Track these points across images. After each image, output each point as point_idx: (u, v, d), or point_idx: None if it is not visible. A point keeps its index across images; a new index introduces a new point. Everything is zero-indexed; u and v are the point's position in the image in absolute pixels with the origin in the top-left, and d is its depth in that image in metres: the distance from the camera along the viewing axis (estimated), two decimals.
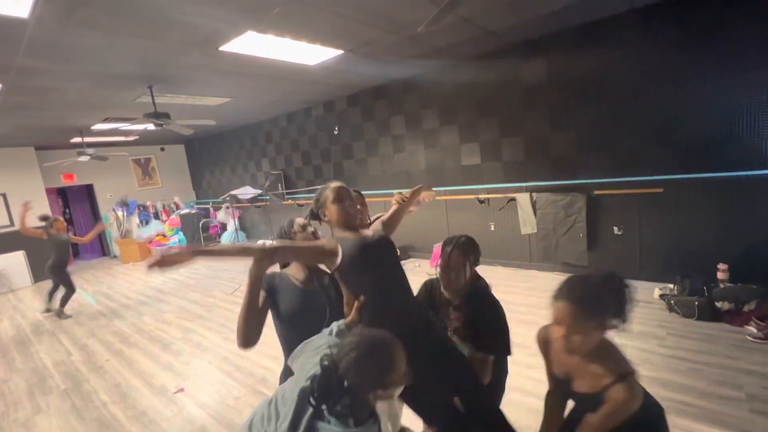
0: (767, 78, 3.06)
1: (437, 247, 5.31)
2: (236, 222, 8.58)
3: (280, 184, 7.48)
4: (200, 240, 8.80)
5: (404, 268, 1.60)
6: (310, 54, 3.68)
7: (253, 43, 3.23)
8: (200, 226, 8.90)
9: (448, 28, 3.40)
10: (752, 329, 2.79)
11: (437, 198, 5.30)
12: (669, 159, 3.58)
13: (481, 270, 1.69)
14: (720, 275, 3.30)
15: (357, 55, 3.90)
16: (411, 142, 5.44)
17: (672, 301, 3.24)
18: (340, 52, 3.70)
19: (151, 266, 1.22)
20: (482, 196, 4.84)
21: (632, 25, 3.52)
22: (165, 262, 1.22)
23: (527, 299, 3.82)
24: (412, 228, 5.68)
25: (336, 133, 6.29)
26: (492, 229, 4.92)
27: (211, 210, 9.40)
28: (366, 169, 6.08)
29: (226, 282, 5.76)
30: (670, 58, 3.41)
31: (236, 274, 6.12)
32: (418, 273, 5.06)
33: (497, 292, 1.70)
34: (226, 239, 8.53)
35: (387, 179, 5.84)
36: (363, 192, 2.12)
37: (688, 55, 3.33)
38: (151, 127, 5.10)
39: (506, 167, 4.63)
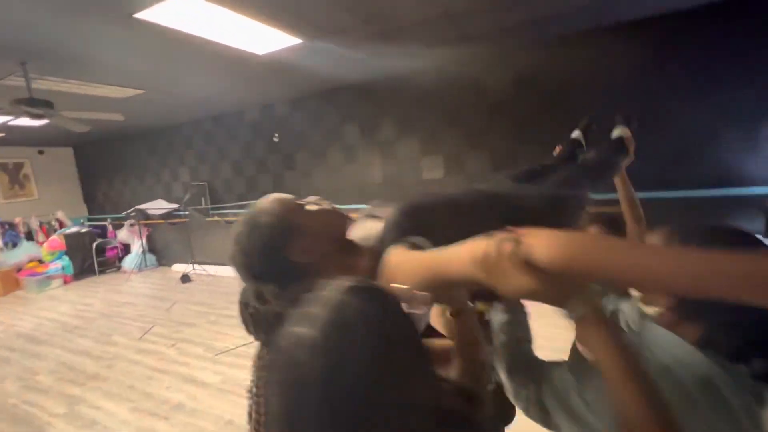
0: (726, 99, 3.22)
1: None
2: (144, 242, 7.09)
3: (203, 198, 6.35)
4: (93, 265, 7.08)
5: None
6: (260, 39, 2.98)
7: (183, 13, 2.44)
8: (94, 248, 7.18)
9: (431, 26, 3.01)
10: None
11: None
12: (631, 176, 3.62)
13: None
14: None
15: (317, 48, 3.30)
16: (365, 152, 4.93)
17: None
18: (297, 41, 3.06)
19: None
20: None
21: (599, 42, 3.53)
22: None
23: None
24: None
25: (275, 140, 5.50)
26: None
27: (110, 228, 7.68)
28: (311, 181, 5.39)
29: (131, 321, 4.52)
30: (633, 76, 3.47)
31: (145, 309, 4.89)
32: None
33: None
34: (130, 264, 6.99)
35: (336, 193, 5.22)
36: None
37: (650, 73, 3.41)
38: (26, 121, 3.79)
39: (472, 182, 4.37)
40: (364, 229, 1.00)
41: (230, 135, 5.99)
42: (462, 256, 0.62)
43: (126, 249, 7.42)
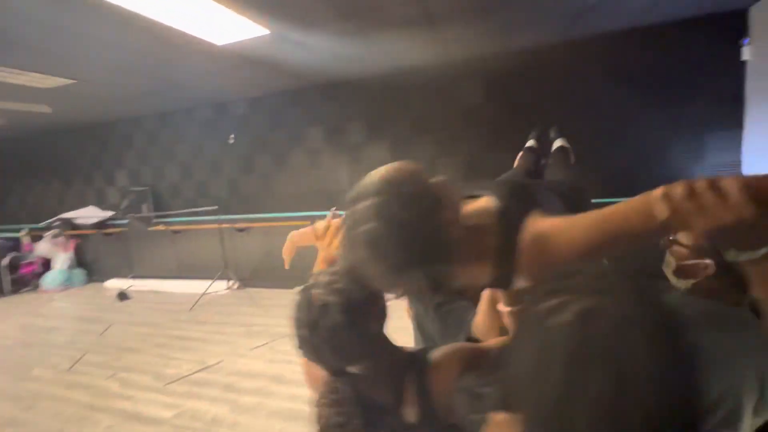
0: (677, 112, 3.46)
1: None
2: (71, 256, 6.20)
3: (145, 205, 5.69)
4: (2, 285, 6.03)
5: None
6: (221, 27, 2.67)
7: None
8: (6, 264, 6.14)
9: (409, 25, 2.89)
10: None
11: None
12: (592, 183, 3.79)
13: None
14: None
15: (285, 42, 3.04)
16: (331, 156, 4.70)
17: None
18: (265, 32, 2.78)
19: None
20: None
21: (564, 56, 3.65)
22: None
23: None
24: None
25: (231, 141, 5.08)
26: None
27: (25, 240, 6.62)
28: (272, 186, 5.04)
29: (57, 350, 3.86)
30: (596, 87, 3.63)
31: (74, 334, 4.22)
32: None
33: None
34: (52, 282, 6.05)
35: (300, 199, 4.92)
36: (266, 215, 1.36)
37: (609, 86, 3.59)
38: None
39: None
40: None
41: (179, 134, 5.43)
42: (638, 206, 0.60)
43: (47, 265, 6.42)
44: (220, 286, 5.17)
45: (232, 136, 5.05)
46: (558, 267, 0.52)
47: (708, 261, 0.71)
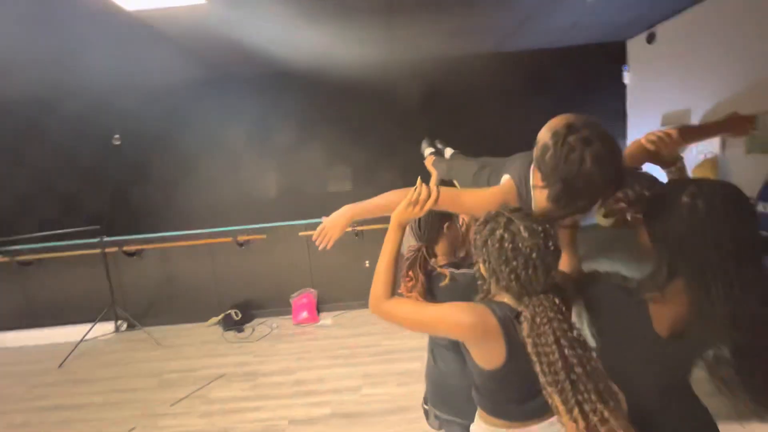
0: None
1: (298, 298, 4.10)
2: None
3: None
4: None
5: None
6: None
7: None
8: None
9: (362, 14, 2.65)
10: None
11: (301, 233, 4.15)
12: None
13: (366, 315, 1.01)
14: None
15: (215, 15, 2.49)
16: (256, 160, 4.09)
17: None
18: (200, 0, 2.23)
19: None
20: (359, 228, 4.12)
21: (492, 66, 3.93)
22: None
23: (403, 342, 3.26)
24: (259, 277, 4.21)
25: (116, 143, 4.01)
26: (367, 265, 4.24)
27: None
28: (176, 197, 4.13)
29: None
30: (516, 98, 3.99)
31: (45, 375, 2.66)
32: (278, 337, 3.71)
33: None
34: None
35: (213, 213, 4.14)
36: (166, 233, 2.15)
37: (526, 97, 4.00)
38: None
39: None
40: None
41: (34, 131, 4.06)
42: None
43: None
44: (104, 330, 3.97)
45: (117, 136, 4.00)
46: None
47: (623, 205, 1.00)
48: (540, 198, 0.96)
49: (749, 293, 0.78)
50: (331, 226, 1.25)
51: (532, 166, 1.05)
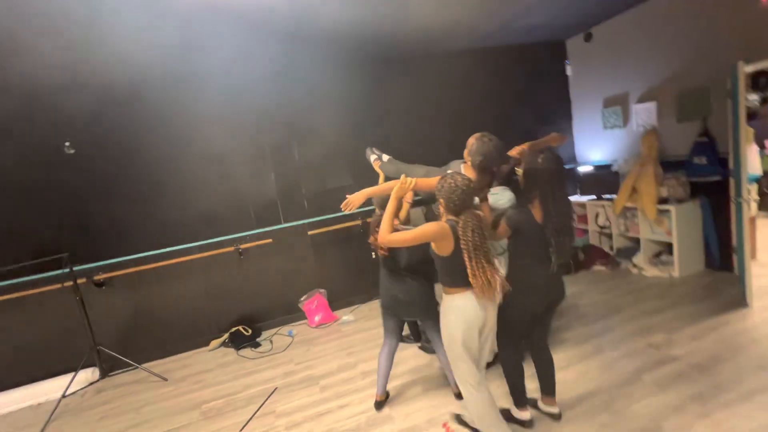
0: (515, 113, 4.70)
1: (309, 301, 3.94)
2: None
3: None
4: None
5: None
6: None
7: None
8: None
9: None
10: (600, 267, 4.13)
11: (310, 232, 3.95)
12: None
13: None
14: None
15: None
16: (246, 162, 3.77)
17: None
18: None
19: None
20: (365, 220, 4.11)
21: (465, 62, 4.33)
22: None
23: None
24: (260, 287, 3.91)
25: (70, 151, 3.28)
26: (374, 257, 4.27)
27: None
28: (151, 211, 3.55)
29: None
30: (481, 88, 4.49)
31: None
32: (307, 342, 3.55)
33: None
34: None
35: (195, 226, 3.67)
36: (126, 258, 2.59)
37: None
38: None
39: None
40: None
41: None
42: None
43: None
44: (86, 378, 3.25)
45: (68, 143, 3.27)
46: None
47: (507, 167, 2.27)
48: (469, 175, 1.78)
49: (562, 202, 1.73)
50: (353, 198, 2.03)
51: (462, 165, 2.08)
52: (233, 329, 3.74)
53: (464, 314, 1.62)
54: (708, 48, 3.29)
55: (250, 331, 3.72)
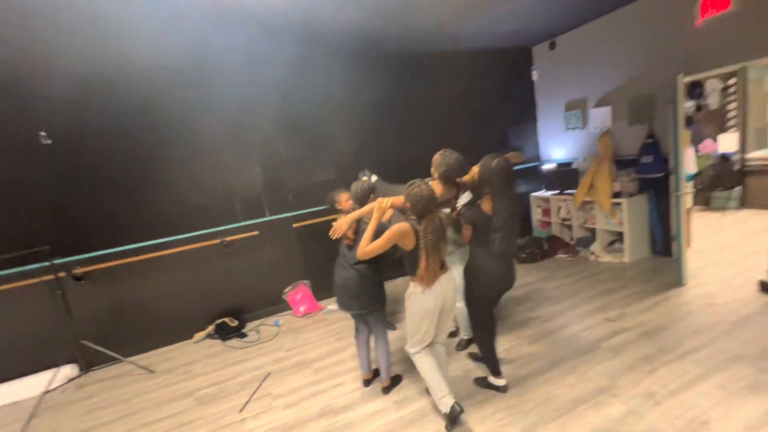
0: (490, 112, 5.06)
1: (293, 292, 4.05)
2: None
3: None
4: None
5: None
6: None
7: None
8: None
9: None
10: (562, 255, 4.55)
11: (295, 225, 4.03)
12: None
13: None
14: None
15: None
16: (232, 155, 3.81)
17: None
18: None
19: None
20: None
21: (439, 64, 4.59)
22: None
23: None
24: (245, 278, 3.96)
25: (45, 141, 3.18)
26: None
27: None
28: (137, 204, 3.51)
29: None
30: (457, 89, 4.79)
31: None
32: (294, 330, 3.67)
33: None
34: None
35: (180, 218, 3.67)
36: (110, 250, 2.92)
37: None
38: None
39: None
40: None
41: None
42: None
43: None
44: (67, 374, 3.17)
45: (43, 133, 3.17)
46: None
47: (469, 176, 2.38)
48: (435, 188, 2.04)
49: (511, 199, 2.02)
50: (339, 225, 2.22)
51: (430, 182, 2.23)
52: (218, 321, 3.78)
53: (422, 298, 1.96)
54: (654, 60, 3.74)
55: (236, 322, 3.78)
